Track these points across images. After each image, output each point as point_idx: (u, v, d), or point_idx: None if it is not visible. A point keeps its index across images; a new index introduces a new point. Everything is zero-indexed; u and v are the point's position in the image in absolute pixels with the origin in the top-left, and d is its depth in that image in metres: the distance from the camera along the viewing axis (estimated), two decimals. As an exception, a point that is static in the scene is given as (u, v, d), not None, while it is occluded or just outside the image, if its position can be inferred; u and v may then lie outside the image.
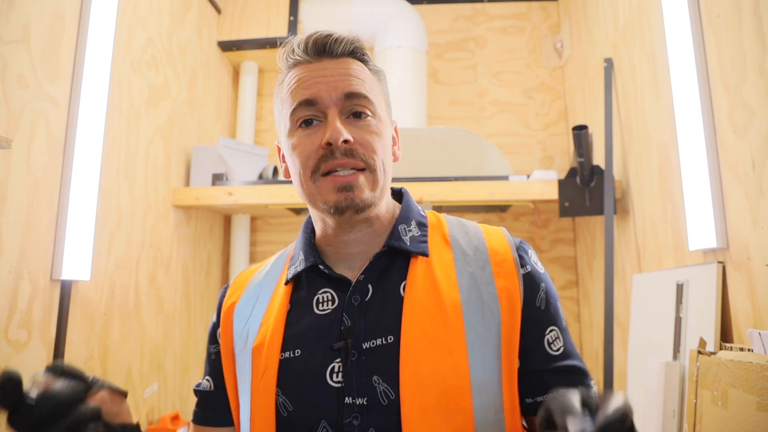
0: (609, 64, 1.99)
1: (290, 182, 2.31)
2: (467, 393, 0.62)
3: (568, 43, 2.59)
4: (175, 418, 1.92)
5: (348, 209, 0.66)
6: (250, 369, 0.69)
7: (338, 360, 0.65)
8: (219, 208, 2.36)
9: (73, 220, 1.44)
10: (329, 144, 0.65)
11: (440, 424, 0.60)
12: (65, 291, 1.43)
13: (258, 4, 2.59)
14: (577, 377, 0.68)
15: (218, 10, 2.54)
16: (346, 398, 0.63)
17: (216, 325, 0.78)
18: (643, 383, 1.47)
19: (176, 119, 2.12)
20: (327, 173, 0.66)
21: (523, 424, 0.69)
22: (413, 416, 0.60)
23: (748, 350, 1.06)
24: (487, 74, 2.77)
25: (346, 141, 0.65)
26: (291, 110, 0.69)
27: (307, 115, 0.68)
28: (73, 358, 1.47)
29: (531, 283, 0.70)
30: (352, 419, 0.62)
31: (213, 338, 0.78)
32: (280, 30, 2.52)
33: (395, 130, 0.79)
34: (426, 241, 0.72)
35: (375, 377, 0.63)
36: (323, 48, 0.70)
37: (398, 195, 0.80)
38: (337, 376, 0.64)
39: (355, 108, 0.68)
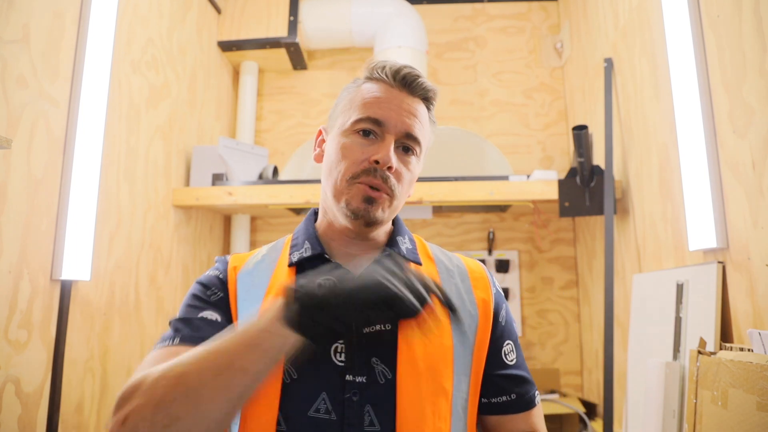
0: (609, 64, 1.99)
1: (290, 182, 2.29)
2: (450, 378, 0.73)
3: (568, 43, 2.59)
4: (175, 418, 1.92)
5: (361, 218, 0.76)
6: None
7: (341, 341, 0.72)
8: (219, 208, 2.36)
9: (73, 220, 1.44)
10: (377, 162, 0.75)
11: (428, 402, 0.70)
12: (65, 291, 1.43)
13: (258, 4, 2.58)
14: (524, 385, 0.83)
15: (218, 10, 2.54)
16: (348, 376, 0.70)
17: (223, 279, 0.78)
18: (643, 383, 1.47)
19: (176, 119, 2.12)
20: (362, 183, 0.76)
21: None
22: (408, 394, 0.69)
23: (748, 350, 1.06)
24: (487, 74, 2.77)
25: (389, 167, 0.76)
26: (358, 117, 0.78)
27: (368, 128, 0.78)
28: (73, 358, 1.47)
29: (498, 301, 0.84)
30: (352, 395, 0.70)
31: (220, 286, 0.78)
32: (280, 30, 2.52)
33: None
34: (417, 253, 0.84)
35: (374, 359, 0.71)
36: (408, 84, 0.80)
37: None
38: (340, 356, 0.71)
39: (407, 144, 0.79)
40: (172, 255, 2.07)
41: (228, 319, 0.75)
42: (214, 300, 0.76)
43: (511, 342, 0.84)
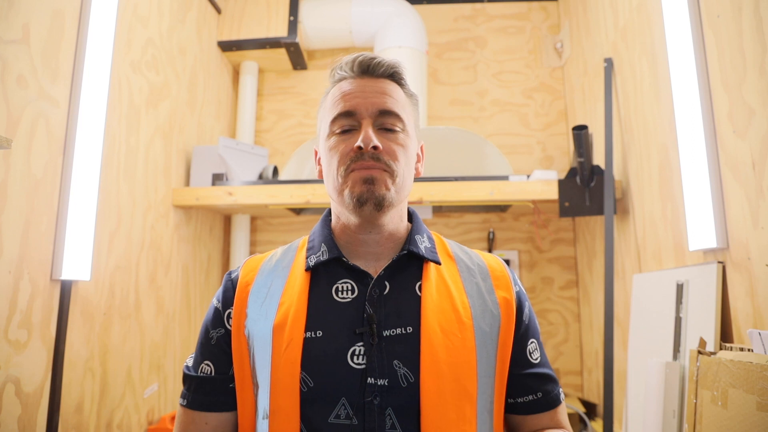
0: (609, 64, 1.99)
1: (290, 182, 2.30)
2: (474, 381, 0.72)
3: (568, 43, 2.59)
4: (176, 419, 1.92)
5: (368, 201, 0.74)
6: (270, 346, 0.73)
7: (360, 343, 0.71)
8: (219, 208, 2.36)
9: (73, 220, 1.44)
10: (360, 148, 0.74)
11: (452, 406, 0.69)
12: (65, 291, 1.43)
13: (258, 4, 2.59)
14: (549, 383, 0.82)
15: (218, 10, 2.54)
16: (369, 379, 0.69)
17: (220, 309, 0.80)
18: (643, 383, 1.47)
19: (176, 119, 2.12)
20: (355, 169, 0.75)
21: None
22: (431, 398, 0.68)
23: (748, 350, 1.06)
24: (487, 74, 2.77)
25: (374, 147, 0.74)
26: (332, 118, 0.79)
27: (345, 124, 0.78)
28: (73, 358, 1.47)
29: (520, 299, 0.83)
30: (373, 398, 0.69)
31: (217, 322, 0.80)
32: (280, 30, 2.52)
33: (421, 149, 0.88)
34: (436, 252, 0.83)
35: (396, 361, 0.71)
36: (367, 68, 0.80)
37: (408, 214, 0.89)
38: (358, 359, 0.71)
39: (386, 123, 0.78)
40: (172, 255, 2.07)
41: (226, 359, 0.78)
42: (213, 343, 0.79)
43: (535, 340, 0.83)
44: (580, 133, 1.86)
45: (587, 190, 1.96)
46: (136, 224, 1.81)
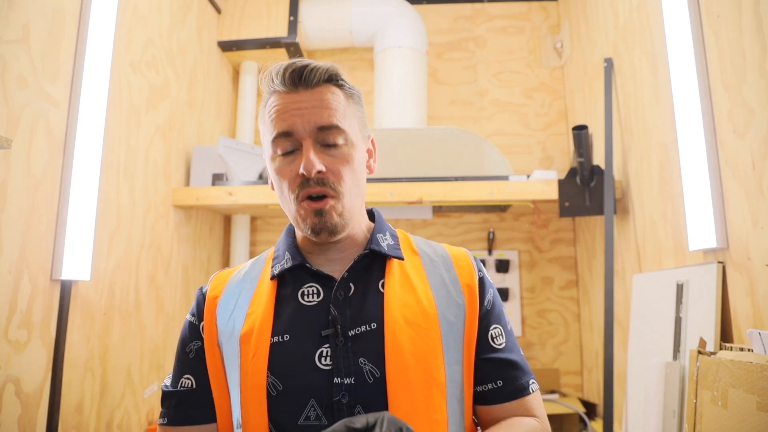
0: (609, 64, 1.99)
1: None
2: (442, 370, 0.72)
3: (568, 43, 2.59)
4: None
5: (323, 231, 0.75)
6: (238, 355, 0.74)
7: (326, 345, 0.72)
8: (219, 208, 2.36)
9: (73, 220, 1.44)
10: (305, 174, 0.73)
11: (420, 396, 0.69)
12: (65, 291, 1.43)
13: (258, 4, 2.59)
14: (514, 370, 0.78)
15: (218, 10, 2.54)
16: (335, 378, 0.70)
17: (195, 323, 0.81)
18: (643, 383, 1.47)
19: (176, 119, 2.12)
20: (304, 199, 0.75)
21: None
22: (398, 391, 0.69)
23: (748, 350, 1.06)
24: (487, 74, 2.77)
25: (319, 171, 0.73)
26: (271, 138, 0.76)
27: (286, 146, 0.76)
28: (73, 358, 1.47)
29: (483, 286, 0.82)
30: (341, 397, 0.69)
31: (193, 335, 0.81)
32: (280, 30, 2.52)
33: (372, 143, 0.86)
34: (399, 249, 0.83)
35: (361, 359, 0.71)
36: (299, 78, 0.75)
37: (370, 215, 0.89)
38: (325, 360, 0.71)
39: (328, 139, 0.75)
40: (172, 255, 2.07)
41: (206, 370, 0.78)
42: (192, 356, 0.80)
43: (499, 326, 0.80)
44: (580, 133, 1.86)
45: (587, 190, 1.96)
46: (136, 224, 1.81)
